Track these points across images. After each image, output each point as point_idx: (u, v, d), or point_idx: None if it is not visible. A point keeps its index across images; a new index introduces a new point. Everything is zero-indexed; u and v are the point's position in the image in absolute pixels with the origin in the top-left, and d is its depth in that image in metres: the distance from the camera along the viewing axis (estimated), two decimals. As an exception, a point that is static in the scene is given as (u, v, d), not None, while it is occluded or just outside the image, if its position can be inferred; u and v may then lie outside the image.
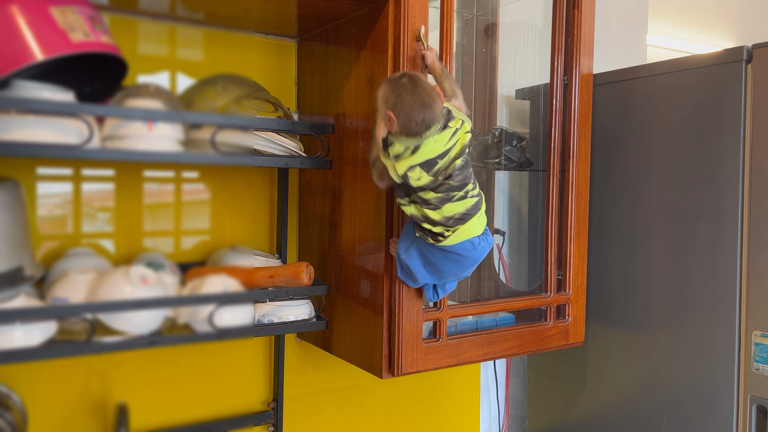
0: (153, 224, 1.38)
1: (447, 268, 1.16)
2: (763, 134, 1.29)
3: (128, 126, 1.05)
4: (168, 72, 1.38)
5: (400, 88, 1.06)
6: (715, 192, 1.37)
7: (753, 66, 1.30)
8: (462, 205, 1.10)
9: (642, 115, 1.54)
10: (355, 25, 1.33)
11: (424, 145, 1.06)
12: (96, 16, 1.07)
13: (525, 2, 1.75)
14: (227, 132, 1.14)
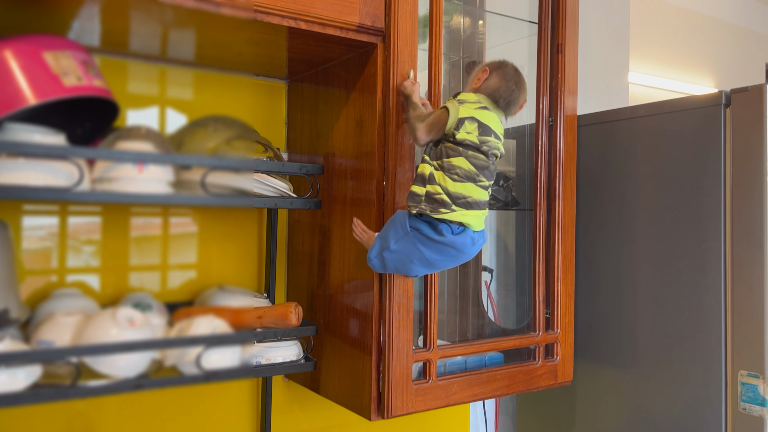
0: (141, 263, 1.37)
1: (441, 262, 1.14)
2: (742, 176, 1.32)
3: (119, 168, 1.05)
4: (159, 113, 1.39)
5: (507, 64, 1.18)
6: (698, 232, 1.40)
7: (732, 110, 1.34)
8: (479, 192, 1.10)
9: (625, 155, 1.57)
10: (345, 69, 1.35)
11: (490, 114, 1.11)
12: (89, 60, 1.08)
13: (510, 45, 1.80)
14: (218, 173, 1.15)
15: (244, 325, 1.23)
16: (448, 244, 1.10)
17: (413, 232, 1.11)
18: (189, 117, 1.42)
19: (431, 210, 1.08)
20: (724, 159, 1.35)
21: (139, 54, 1.33)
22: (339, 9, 1.18)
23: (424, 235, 1.10)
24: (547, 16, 1.50)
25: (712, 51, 4.71)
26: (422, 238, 1.11)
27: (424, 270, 1.17)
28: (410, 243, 1.12)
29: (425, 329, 1.31)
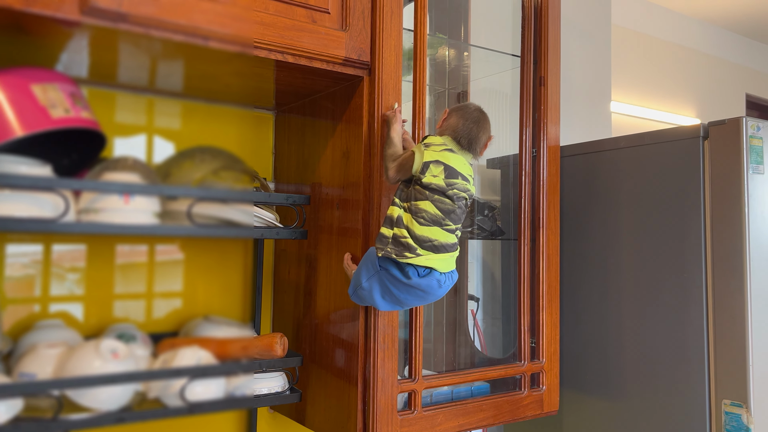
0: (125, 294, 1.37)
1: (409, 301, 1.15)
2: (721, 208, 1.35)
3: (105, 199, 1.06)
4: (147, 143, 1.40)
5: (468, 105, 1.20)
6: (680, 262, 1.42)
7: (710, 142, 1.37)
8: (446, 236, 1.11)
9: (608, 186, 1.59)
10: (331, 101, 1.37)
11: (455, 156, 1.13)
12: (77, 93, 1.09)
13: (494, 78, 1.83)
14: (204, 204, 1.16)
15: (228, 356, 1.23)
16: (414, 286, 1.11)
17: (382, 271, 1.13)
18: (177, 147, 1.43)
19: (396, 254, 1.09)
20: (703, 190, 1.38)
21: (127, 85, 1.35)
22: (325, 43, 1.20)
23: (391, 275, 1.12)
24: (529, 50, 1.54)
25: (694, 82, 4.81)
26: (390, 277, 1.12)
27: (394, 307, 1.19)
28: (379, 281, 1.13)
29: (410, 359, 1.31)
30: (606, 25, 2.51)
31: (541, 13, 1.56)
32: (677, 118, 4.58)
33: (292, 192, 1.52)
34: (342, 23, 1.24)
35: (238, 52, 1.10)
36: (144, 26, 1.01)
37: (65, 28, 0.99)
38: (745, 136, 1.31)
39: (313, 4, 1.19)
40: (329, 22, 1.22)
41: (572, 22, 2.38)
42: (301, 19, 1.18)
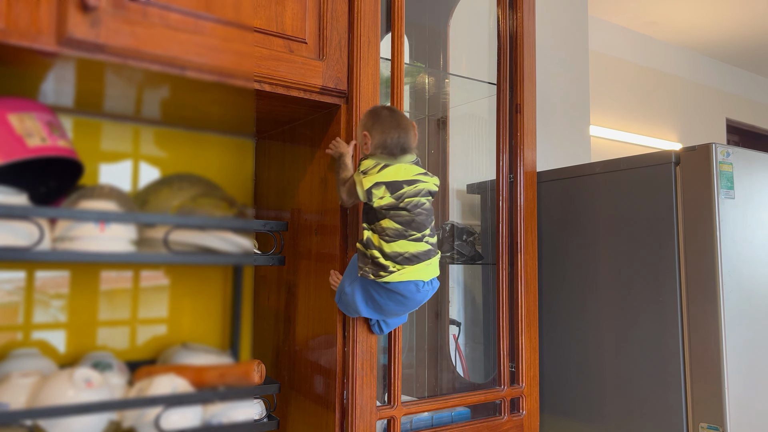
0: (103, 321, 1.36)
1: (389, 306, 1.15)
2: (694, 232, 1.37)
3: (80, 227, 1.06)
4: (127, 170, 1.40)
5: (378, 112, 1.17)
6: (655, 286, 1.43)
7: (681, 168, 1.40)
8: (415, 246, 1.11)
9: (585, 210, 1.61)
10: (310, 128, 1.39)
11: (393, 167, 1.12)
12: (54, 121, 1.10)
13: (473, 104, 1.86)
14: (181, 231, 1.16)
15: (206, 383, 1.22)
16: (393, 290, 1.12)
17: (362, 280, 1.15)
18: (157, 174, 1.43)
19: (373, 274, 1.12)
20: (676, 215, 1.40)
21: (108, 113, 1.36)
22: (303, 72, 1.22)
23: (372, 283, 1.13)
24: (505, 78, 1.57)
25: (674, 107, 4.89)
26: (370, 282, 1.14)
27: (376, 315, 1.19)
28: (361, 286, 1.15)
29: (389, 385, 1.31)
30: (584, 51, 2.56)
31: (517, 42, 1.59)
32: (659, 143, 4.65)
33: (272, 218, 1.52)
34: (319, 53, 1.26)
35: (215, 81, 1.12)
36: (122, 57, 1.02)
37: (43, 58, 1.00)
38: (715, 162, 1.34)
39: (290, 34, 1.22)
40: (306, 52, 1.24)
41: (550, 49, 2.42)
42: (278, 49, 1.20)
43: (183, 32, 1.07)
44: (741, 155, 1.40)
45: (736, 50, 5.09)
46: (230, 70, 1.12)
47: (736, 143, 5.48)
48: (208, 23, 1.10)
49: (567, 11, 2.52)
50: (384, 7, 1.36)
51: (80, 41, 0.97)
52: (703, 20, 4.48)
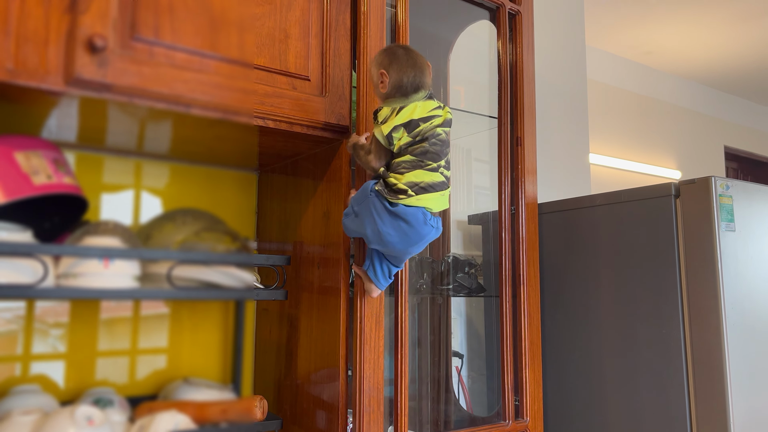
0: (103, 353, 1.35)
1: (391, 237, 1.13)
2: (696, 264, 1.37)
3: (84, 264, 1.06)
4: (131, 205, 1.41)
5: (394, 51, 1.17)
6: (658, 318, 1.43)
7: (681, 201, 1.41)
8: (431, 176, 1.12)
9: (587, 242, 1.62)
10: (313, 162, 1.40)
11: (408, 107, 1.13)
12: (60, 158, 1.11)
13: (473, 137, 1.88)
14: (184, 266, 1.16)
15: (207, 420, 1.21)
16: (399, 215, 1.11)
17: (371, 195, 1.13)
18: (162, 207, 1.44)
19: (391, 196, 1.11)
20: (677, 248, 1.40)
21: (112, 148, 1.37)
22: (305, 109, 1.23)
23: (380, 202, 1.12)
24: (506, 112, 1.58)
25: (672, 134, 4.93)
26: (377, 203, 1.12)
27: (377, 243, 1.15)
28: (367, 207, 1.14)
29: (395, 422, 1.30)
30: (582, 81, 2.59)
31: (516, 76, 1.61)
32: (658, 170, 4.68)
33: (274, 250, 1.53)
34: (322, 89, 1.28)
35: (220, 118, 1.13)
36: (128, 95, 1.04)
37: (50, 96, 1.02)
38: (714, 194, 1.35)
39: (293, 71, 1.24)
40: (309, 89, 1.26)
41: (548, 80, 2.45)
42: (281, 86, 1.22)
43: (188, 71, 1.09)
44: (740, 188, 1.41)
45: (732, 78, 5.15)
46: (234, 107, 1.14)
47: (735, 170, 5.51)
48: (213, 62, 1.12)
49: (565, 42, 2.56)
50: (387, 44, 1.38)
51: (88, 81, 0.99)
52: (698, 49, 4.54)
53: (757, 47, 4.50)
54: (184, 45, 1.09)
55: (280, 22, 1.23)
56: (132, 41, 1.04)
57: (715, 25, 4.15)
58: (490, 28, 1.67)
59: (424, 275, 1.63)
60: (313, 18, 1.27)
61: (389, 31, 1.40)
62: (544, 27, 2.46)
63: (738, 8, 3.92)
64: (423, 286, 1.64)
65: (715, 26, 4.17)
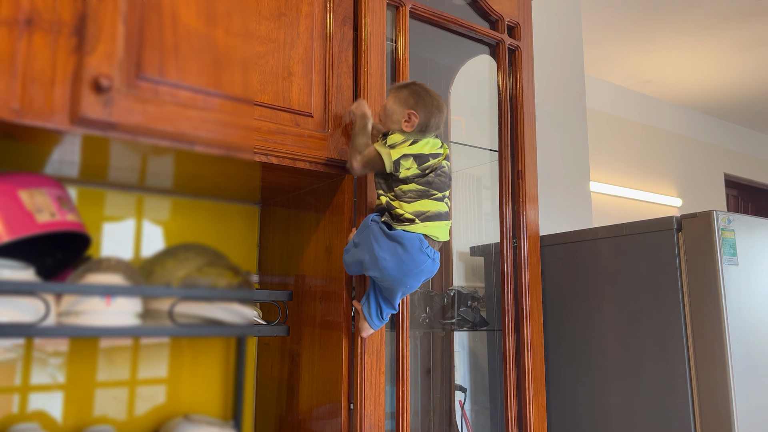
0: (103, 386, 1.34)
1: (387, 261, 1.13)
2: (700, 299, 1.36)
3: (86, 301, 1.06)
4: (134, 239, 1.42)
5: (417, 91, 1.20)
6: (662, 352, 1.42)
7: (683, 234, 1.41)
8: (437, 205, 1.16)
9: (589, 274, 1.62)
10: (315, 196, 1.41)
11: (422, 142, 1.17)
12: (64, 196, 1.12)
13: (474, 169, 1.89)
14: (186, 302, 1.16)
15: (208, 458, 1.20)
16: (396, 238, 1.13)
17: (372, 225, 1.16)
18: (164, 241, 1.45)
19: (396, 223, 1.15)
20: (681, 281, 1.40)
21: (115, 183, 1.38)
22: (308, 145, 1.24)
23: (379, 228, 1.16)
24: (506, 146, 1.59)
25: (672, 162, 4.95)
26: (376, 232, 1.15)
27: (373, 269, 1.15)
28: (367, 236, 1.16)
29: (395, 459, 1.28)
30: (581, 110, 2.62)
31: (517, 110, 1.63)
32: (659, 198, 4.69)
33: (276, 284, 1.52)
34: (325, 125, 1.29)
35: (223, 155, 1.14)
36: (132, 134, 1.05)
37: (55, 135, 1.02)
38: (717, 229, 1.35)
39: (297, 108, 1.25)
40: (312, 125, 1.27)
41: (548, 110, 2.47)
42: (285, 122, 1.23)
43: (192, 109, 1.10)
44: (742, 221, 1.41)
45: (731, 106, 5.19)
46: (238, 144, 1.14)
47: (735, 197, 5.52)
48: (217, 99, 1.13)
49: (564, 72, 2.58)
50: (389, 80, 1.40)
51: (93, 120, 1.00)
52: (697, 78, 4.58)
53: (754, 76, 4.54)
54: (189, 83, 1.10)
55: (283, 60, 1.24)
56: (137, 80, 1.05)
57: (713, 54, 4.20)
58: (491, 62, 1.69)
59: (426, 309, 1.62)
60: (316, 56, 1.29)
61: (390, 65, 1.41)
62: (543, 57, 2.49)
63: (735, 38, 3.97)
64: (426, 319, 1.63)
65: (712, 55, 4.22)
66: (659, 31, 3.89)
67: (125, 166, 1.24)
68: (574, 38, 2.66)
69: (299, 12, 1.28)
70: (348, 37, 1.34)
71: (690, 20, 3.74)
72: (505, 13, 1.64)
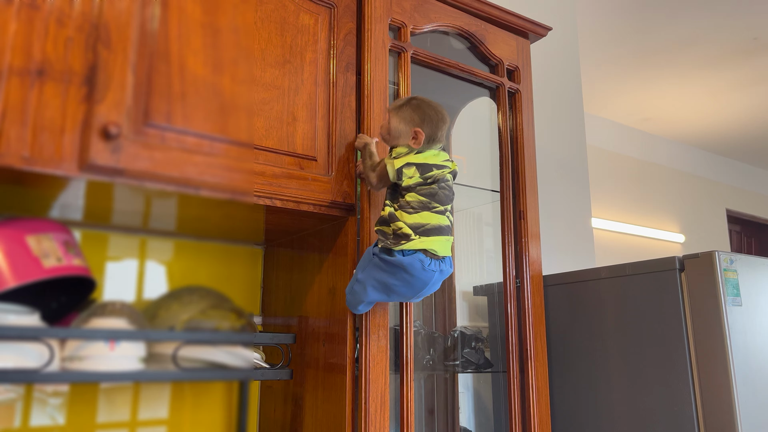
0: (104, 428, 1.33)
1: (398, 287, 1.17)
2: (705, 340, 1.36)
3: (90, 346, 1.06)
4: (137, 280, 1.42)
5: (419, 106, 1.23)
6: (669, 394, 1.40)
7: (686, 274, 1.41)
8: (438, 218, 1.17)
9: (593, 314, 1.61)
10: (319, 238, 1.42)
11: (426, 152, 1.21)
12: (70, 240, 1.13)
13: (476, 209, 1.90)
14: (190, 346, 1.16)
15: (209, 506, 1.18)
16: (398, 264, 1.15)
17: (374, 259, 1.18)
18: (168, 283, 1.45)
19: (393, 244, 1.15)
20: (685, 322, 1.39)
21: (121, 226, 1.39)
22: (312, 188, 1.26)
23: (381, 259, 1.17)
24: (508, 187, 1.61)
25: (674, 198, 4.97)
26: (379, 262, 1.17)
27: (383, 297, 1.20)
28: (371, 270, 1.18)
29: (400, 505, 1.26)
30: (581, 148, 2.64)
31: (517, 151, 1.65)
32: (660, 234, 4.69)
33: (279, 325, 1.52)
34: (328, 169, 1.30)
35: (228, 199, 1.16)
36: (139, 179, 1.06)
37: (63, 181, 1.04)
38: (719, 269, 1.35)
39: (300, 152, 1.27)
40: (316, 169, 1.28)
41: (548, 149, 2.50)
42: (289, 166, 1.25)
43: (198, 154, 1.12)
44: (744, 262, 1.41)
45: (730, 143, 5.23)
46: (242, 188, 1.16)
47: (738, 233, 5.51)
48: (223, 145, 1.15)
49: (563, 110, 2.62)
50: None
51: (101, 167, 1.01)
52: (696, 115, 4.63)
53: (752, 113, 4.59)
54: (195, 129, 1.12)
55: (288, 105, 1.27)
56: (145, 127, 1.07)
57: (711, 92, 4.26)
58: (491, 103, 1.72)
59: (430, 350, 1.62)
60: (319, 101, 1.32)
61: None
62: (542, 96, 2.53)
63: (731, 77, 4.03)
64: (429, 361, 1.62)
65: (710, 94, 4.28)
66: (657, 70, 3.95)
67: (131, 209, 1.26)
68: (573, 78, 2.70)
69: (303, 59, 1.31)
70: (351, 82, 1.37)
71: (687, 60, 3.80)
72: (505, 57, 1.67)
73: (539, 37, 1.76)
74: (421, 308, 1.81)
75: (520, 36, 1.72)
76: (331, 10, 1.39)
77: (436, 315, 1.84)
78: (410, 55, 1.47)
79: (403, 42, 1.46)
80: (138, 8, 1.10)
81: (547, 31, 1.77)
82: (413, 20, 1.49)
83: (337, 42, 1.37)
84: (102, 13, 1.06)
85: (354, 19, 1.41)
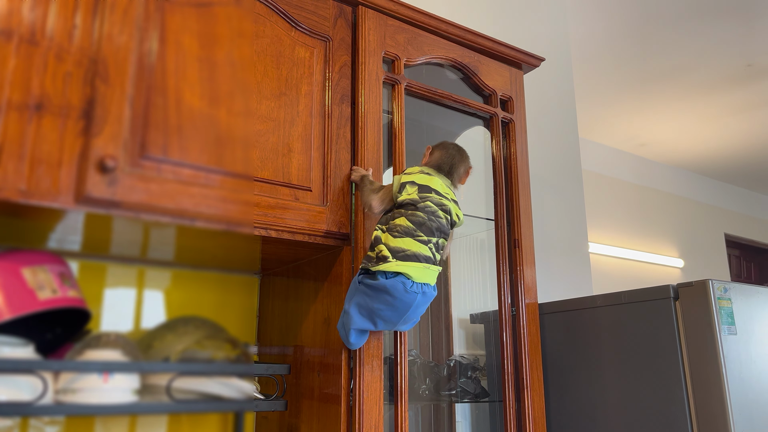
0: (99, 470, 1.32)
1: (382, 311, 1.18)
2: (700, 368, 1.36)
3: (84, 379, 1.06)
4: (133, 310, 1.42)
5: (446, 144, 1.36)
6: (665, 424, 1.40)
7: (681, 303, 1.41)
8: (419, 246, 1.18)
9: (590, 344, 1.61)
10: (314, 267, 1.42)
11: (432, 177, 1.26)
12: (66, 272, 1.14)
13: (470, 237, 1.91)
14: (184, 377, 1.16)
15: None
16: (380, 288, 1.16)
17: (360, 286, 1.20)
18: (166, 312, 1.45)
19: (373, 265, 1.18)
20: (680, 350, 1.39)
21: (117, 256, 1.40)
22: (307, 218, 1.27)
23: (365, 285, 1.19)
24: (502, 216, 1.62)
25: (672, 222, 4.98)
26: (364, 288, 1.19)
27: (368, 324, 1.20)
28: (356, 296, 1.20)
29: None
30: (577, 173, 2.66)
31: (512, 180, 1.66)
32: (659, 258, 4.69)
33: (275, 355, 1.52)
34: (323, 199, 1.32)
35: (224, 230, 1.16)
36: (135, 211, 1.07)
37: (60, 213, 1.05)
38: (713, 298, 1.36)
39: (296, 183, 1.28)
40: (311, 199, 1.30)
41: (544, 176, 2.52)
42: (284, 197, 1.26)
43: (194, 186, 1.13)
44: (738, 290, 1.42)
45: (726, 168, 5.26)
46: (238, 219, 1.17)
47: (738, 257, 5.51)
48: (218, 176, 1.16)
49: (558, 136, 2.64)
50: (386, 155, 1.44)
51: (97, 199, 1.03)
52: (692, 141, 4.67)
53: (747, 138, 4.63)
54: (191, 161, 1.13)
55: (283, 137, 1.29)
56: (141, 159, 1.08)
57: (706, 118, 4.30)
58: (485, 132, 1.73)
59: (426, 380, 1.61)
60: (315, 132, 1.34)
61: (387, 135, 1.46)
62: (537, 123, 2.55)
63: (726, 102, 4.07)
64: (425, 391, 1.62)
65: (706, 119, 4.32)
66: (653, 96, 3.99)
67: (127, 240, 1.27)
68: (568, 105, 2.73)
69: (299, 91, 1.33)
70: (346, 114, 1.39)
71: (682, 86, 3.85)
72: (498, 88, 1.70)
73: (532, 67, 1.79)
74: (417, 337, 1.81)
75: (513, 66, 1.75)
76: (327, 44, 1.41)
77: (433, 344, 1.84)
78: (404, 87, 1.49)
79: (396, 74, 1.48)
80: (136, 43, 1.12)
81: (540, 62, 1.79)
82: (407, 53, 1.52)
83: (332, 74, 1.39)
84: (100, 49, 1.08)
85: (349, 52, 1.44)
